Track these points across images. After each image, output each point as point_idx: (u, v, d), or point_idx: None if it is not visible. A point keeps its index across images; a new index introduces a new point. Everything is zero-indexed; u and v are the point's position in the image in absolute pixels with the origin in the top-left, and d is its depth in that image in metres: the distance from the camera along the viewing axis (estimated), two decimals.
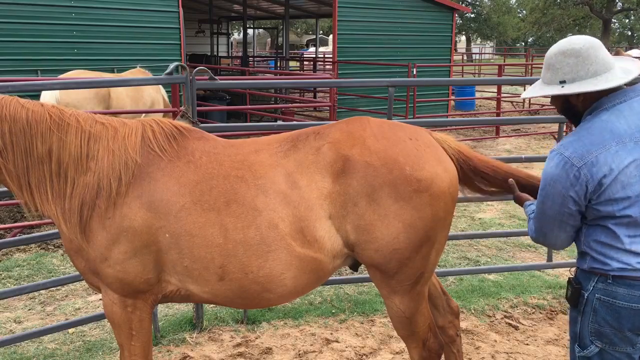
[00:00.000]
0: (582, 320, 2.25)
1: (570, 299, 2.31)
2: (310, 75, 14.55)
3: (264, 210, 2.55)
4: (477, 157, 2.88)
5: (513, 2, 46.82)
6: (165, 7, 10.93)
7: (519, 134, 13.56)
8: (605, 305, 2.18)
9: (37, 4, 9.54)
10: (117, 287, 2.61)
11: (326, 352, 4.07)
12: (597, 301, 2.20)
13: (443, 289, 3.27)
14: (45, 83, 4.53)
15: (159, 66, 9.17)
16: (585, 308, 2.24)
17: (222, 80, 5.23)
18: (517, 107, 16.85)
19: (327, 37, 38.72)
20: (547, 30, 41.19)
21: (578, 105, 2.27)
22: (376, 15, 14.36)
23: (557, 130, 6.14)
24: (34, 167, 2.55)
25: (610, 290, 2.17)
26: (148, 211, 2.54)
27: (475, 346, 4.16)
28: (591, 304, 2.22)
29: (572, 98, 2.25)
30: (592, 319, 2.22)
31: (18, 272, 5.48)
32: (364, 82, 8.54)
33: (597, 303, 2.20)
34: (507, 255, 6.01)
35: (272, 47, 39.64)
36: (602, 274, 2.19)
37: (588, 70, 2.17)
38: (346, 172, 2.57)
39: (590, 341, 2.24)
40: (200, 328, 4.35)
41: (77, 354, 4.04)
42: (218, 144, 2.75)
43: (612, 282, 2.17)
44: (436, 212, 2.61)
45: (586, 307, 2.24)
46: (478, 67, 30.24)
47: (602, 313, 2.19)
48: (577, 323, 2.28)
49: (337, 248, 2.62)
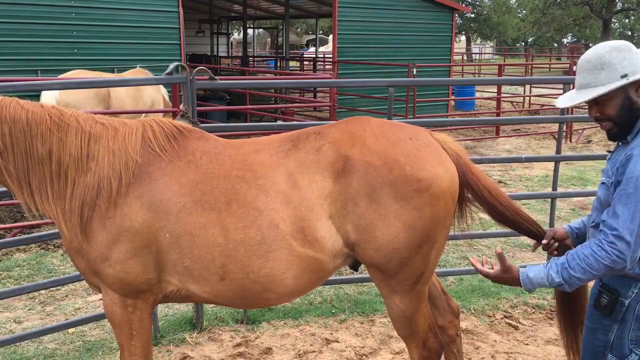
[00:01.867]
0: (620, 328, 2.19)
1: (604, 308, 2.23)
2: (310, 75, 14.55)
3: (264, 210, 2.55)
4: (472, 172, 2.79)
5: (513, 2, 46.82)
6: (165, 7, 10.93)
7: (519, 134, 13.57)
8: None
9: (37, 4, 9.54)
10: (118, 287, 2.61)
11: (326, 352, 4.07)
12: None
13: (443, 288, 3.27)
14: (45, 83, 4.53)
15: (159, 66, 9.17)
16: (624, 316, 2.18)
17: (222, 80, 5.24)
18: (517, 107, 16.86)
19: (327, 37, 38.71)
20: (547, 30, 41.24)
21: (638, 102, 2.18)
22: (376, 15, 14.37)
23: (557, 130, 6.14)
24: (34, 168, 2.55)
25: None
26: (148, 211, 2.54)
27: (475, 346, 4.16)
28: (633, 310, 2.16)
29: (632, 93, 2.17)
30: (634, 326, 2.16)
31: (18, 272, 5.48)
32: (364, 82, 8.55)
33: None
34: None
35: (272, 47, 39.65)
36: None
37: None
38: (346, 171, 2.57)
39: (630, 349, 2.18)
40: (200, 328, 4.35)
41: (77, 354, 4.04)
42: (218, 144, 2.75)
43: None
44: (436, 212, 2.60)
45: (626, 314, 2.17)
46: (478, 67, 30.25)
47: None
48: (611, 331, 2.22)
49: (337, 248, 2.62)
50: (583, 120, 12.89)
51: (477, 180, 2.78)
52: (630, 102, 2.18)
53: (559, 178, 5.57)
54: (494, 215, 2.78)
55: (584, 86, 2.22)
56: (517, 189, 8.86)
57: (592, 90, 2.19)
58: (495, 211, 2.75)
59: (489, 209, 2.78)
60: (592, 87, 2.19)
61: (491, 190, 2.78)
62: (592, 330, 2.32)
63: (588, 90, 2.21)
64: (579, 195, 7.05)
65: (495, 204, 2.75)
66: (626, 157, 2.11)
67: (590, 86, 2.20)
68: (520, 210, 2.77)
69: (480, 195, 2.77)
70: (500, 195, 2.79)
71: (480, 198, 2.78)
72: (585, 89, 2.22)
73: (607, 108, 2.21)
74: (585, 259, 2.12)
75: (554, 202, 5.17)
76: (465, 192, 2.81)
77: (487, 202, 2.77)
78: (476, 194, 2.78)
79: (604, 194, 2.27)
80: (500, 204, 2.75)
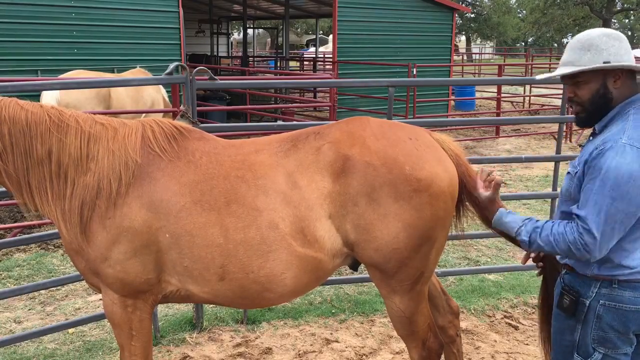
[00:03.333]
0: (583, 328, 2.21)
1: (567, 309, 2.25)
2: (310, 75, 14.54)
3: (264, 210, 2.55)
4: (470, 175, 2.78)
5: (513, 2, 46.83)
6: (165, 7, 10.93)
7: (519, 134, 13.56)
8: (611, 310, 2.14)
9: (37, 4, 9.54)
10: (118, 287, 2.61)
11: (326, 352, 4.07)
12: (601, 307, 2.16)
13: (443, 289, 3.27)
14: (45, 83, 4.54)
15: (159, 66, 9.15)
16: (586, 316, 2.19)
17: (222, 80, 5.23)
18: (517, 107, 16.86)
19: (327, 37, 38.70)
20: (547, 31, 41.25)
21: (613, 92, 2.19)
22: (376, 15, 14.37)
23: (557, 131, 6.14)
24: (34, 169, 2.56)
25: (616, 294, 2.13)
26: (148, 211, 2.54)
27: (475, 346, 4.16)
28: (594, 310, 2.17)
29: (610, 82, 2.18)
30: (595, 325, 2.17)
31: (18, 272, 5.48)
32: (364, 82, 8.51)
33: (602, 309, 2.16)
34: (507, 255, 6.01)
35: (272, 47, 39.65)
36: (606, 278, 2.14)
37: (629, 56, 2.17)
38: (346, 171, 2.57)
39: (593, 349, 2.19)
40: (200, 328, 4.35)
41: (77, 354, 4.04)
42: (218, 144, 2.75)
43: (617, 286, 2.13)
44: (436, 212, 2.61)
45: (588, 314, 2.18)
46: (478, 67, 30.25)
47: (608, 319, 2.15)
48: (575, 332, 2.23)
49: (337, 247, 2.62)
50: None
51: (474, 183, 2.77)
52: (605, 90, 2.20)
53: (559, 178, 5.57)
54: (486, 220, 2.72)
55: (567, 63, 2.25)
56: (517, 189, 8.86)
57: (571, 68, 2.21)
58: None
59: (481, 212, 2.77)
60: (573, 65, 2.21)
61: None
62: (560, 330, 2.33)
63: (568, 67, 2.23)
64: None
65: None
66: (598, 151, 2.10)
67: (573, 64, 2.22)
68: None
69: (476, 199, 2.76)
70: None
71: (474, 201, 2.77)
72: (566, 66, 2.25)
73: (583, 90, 2.23)
74: (555, 235, 2.16)
75: (554, 202, 5.17)
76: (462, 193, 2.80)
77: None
78: (471, 197, 2.77)
79: (567, 184, 2.29)
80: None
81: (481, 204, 2.56)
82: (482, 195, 2.53)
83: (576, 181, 2.21)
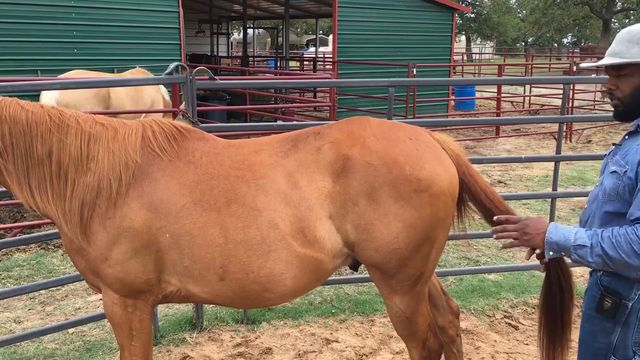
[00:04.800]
0: (623, 331, 2.17)
1: (608, 311, 2.19)
2: (310, 75, 14.55)
3: (264, 210, 2.55)
4: (470, 174, 2.79)
5: (513, 2, 46.84)
6: (165, 7, 10.92)
7: (519, 134, 13.56)
8: None
9: (37, 4, 9.53)
10: (118, 288, 2.61)
11: (326, 352, 4.07)
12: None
13: (443, 288, 3.27)
14: (45, 83, 4.53)
15: (159, 66, 9.16)
16: (628, 318, 2.15)
17: (222, 80, 5.23)
18: (517, 107, 16.86)
19: (327, 37, 38.71)
20: (547, 31, 41.26)
21: None
22: (376, 15, 14.37)
23: (557, 131, 6.14)
24: (34, 169, 2.56)
25: None
26: (148, 211, 2.54)
27: (475, 346, 4.16)
28: (636, 313, 2.13)
29: None
30: (637, 328, 2.13)
31: (18, 272, 5.48)
32: (364, 82, 8.55)
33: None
34: (507, 255, 6.01)
35: (272, 47, 39.67)
36: None
37: None
38: (346, 171, 2.57)
39: (633, 352, 2.15)
40: (200, 328, 4.35)
41: (77, 354, 4.04)
42: (218, 144, 2.75)
43: None
44: (436, 212, 2.61)
45: (630, 317, 2.14)
46: (478, 67, 30.25)
47: None
48: (614, 334, 2.19)
49: (337, 247, 2.62)
50: (583, 120, 12.97)
51: (475, 182, 2.79)
52: None
53: (559, 178, 5.57)
54: (489, 219, 2.76)
55: (613, 54, 2.20)
56: (517, 189, 8.86)
57: (618, 59, 2.16)
58: (490, 214, 2.74)
59: (484, 211, 2.79)
60: (620, 57, 2.16)
61: (488, 193, 2.79)
62: (592, 333, 2.29)
63: (615, 58, 2.18)
64: (579, 195, 7.03)
65: (491, 207, 2.76)
66: None
67: (618, 56, 2.17)
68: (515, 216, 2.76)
69: (477, 198, 2.78)
70: (497, 199, 2.79)
71: (476, 200, 2.79)
72: (611, 57, 2.20)
73: (625, 84, 2.18)
74: (617, 236, 2.02)
75: (554, 202, 5.17)
76: (463, 193, 2.81)
77: (483, 205, 2.78)
78: (473, 196, 2.78)
79: (613, 183, 2.19)
80: (496, 208, 2.75)
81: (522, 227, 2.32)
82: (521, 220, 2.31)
83: (626, 180, 2.13)
